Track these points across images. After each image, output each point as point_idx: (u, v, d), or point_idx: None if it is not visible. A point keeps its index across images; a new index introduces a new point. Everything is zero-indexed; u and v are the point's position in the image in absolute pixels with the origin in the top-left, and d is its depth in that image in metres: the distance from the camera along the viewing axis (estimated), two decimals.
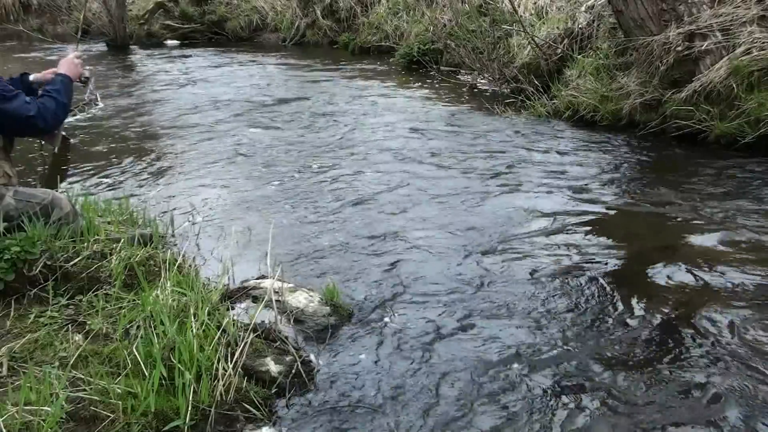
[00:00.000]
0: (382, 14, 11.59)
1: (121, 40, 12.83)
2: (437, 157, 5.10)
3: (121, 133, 6.14)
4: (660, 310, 2.76)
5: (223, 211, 4.02)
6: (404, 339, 2.59)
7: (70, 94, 2.95)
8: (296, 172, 4.80)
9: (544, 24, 7.79)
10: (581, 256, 3.30)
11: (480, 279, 3.08)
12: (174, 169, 4.96)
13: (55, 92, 2.83)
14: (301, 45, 12.67)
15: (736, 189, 4.19)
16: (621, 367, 2.38)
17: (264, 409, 2.11)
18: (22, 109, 2.66)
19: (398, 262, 3.27)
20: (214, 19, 13.75)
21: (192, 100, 7.63)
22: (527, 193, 4.23)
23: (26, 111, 2.67)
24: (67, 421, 1.86)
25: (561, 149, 5.25)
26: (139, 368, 2.06)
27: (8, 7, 15.27)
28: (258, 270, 3.10)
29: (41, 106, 2.72)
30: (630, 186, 4.42)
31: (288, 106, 7.17)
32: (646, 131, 5.46)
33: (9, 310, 2.43)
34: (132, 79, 9.45)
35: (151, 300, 2.39)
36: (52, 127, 2.84)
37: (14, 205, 2.73)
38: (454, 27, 9.00)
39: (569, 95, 6.23)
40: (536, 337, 2.59)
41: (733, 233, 3.49)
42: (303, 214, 3.95)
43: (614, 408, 2.16)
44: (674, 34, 5.28)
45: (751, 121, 4.77)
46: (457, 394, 2.24)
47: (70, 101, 2.93)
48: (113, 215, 3.39)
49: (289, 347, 2.39)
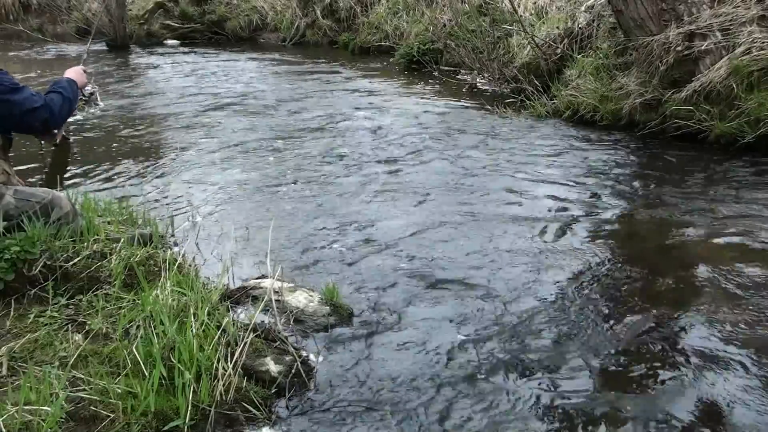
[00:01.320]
0: (381, 14, 11.59)
1: (121, 39, 12.82)
2: (437, 157, 5.09)
3: (121, 132, 6.14)
4: (660, 310, 2.76)
5: (223, 211, 4.02)
6: (404, 338, 2.59)
7: (76, 95, 3.01)
8: (296, 172, 4.80)
9: (543, 24, 7.79)
10: (580, 256, 3.30)
11: (480, 278, 3.08)
12: (174, 168, 4.95)
13: (61, 89, 2.91)
14: (301, 45, 12.67)
15: (736, 188, 4.19)
16: (621, 366, 2.39)
17: (264, 409, 2.11)
18: (29, 101, 2.72)
19: (398, 262, 3.27)
20: (213, 18, 13.74)
21: (192, 100, 7.63)
22: (527, 193, 4.23)
23: (33, 103, 2.73)
24: (67, 421, 1.86)
25: (561, 149, 5.25)
26: (139, 368, 2.06)
27: (8, 6, 15.24)
28: (258, 270, 3.10)
29: (48, 99, 2.80)
30: (630, 186, 4.42)
31: (288, 107, 7.17)
32: (645, 131, 5.46)
33: (9, 309, 2.43)
34: (132, 78, 9.45)
35: (151, 300, 2.39)
36: (58, 120, 2.88)
37: (14, 203, 2.73)
38: (453, 27, 8.99)
39: (569, 95, 6.23)
40: (536, 337, 2.59)
41: (734, 233, 3.49)
42: (303, 214, 3.95)
43: (614, 407, 2.16)
44: (674, 33, 5.28)
45: (750, 121, 4.77)
46: (458, 394, 2.24)
47: (75, 101, 3.00)
48: (113, 215, 3.39)
49: (289, 347, 2.39)
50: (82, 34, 14.28)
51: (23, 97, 2.70)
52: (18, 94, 2.69)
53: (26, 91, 2.73)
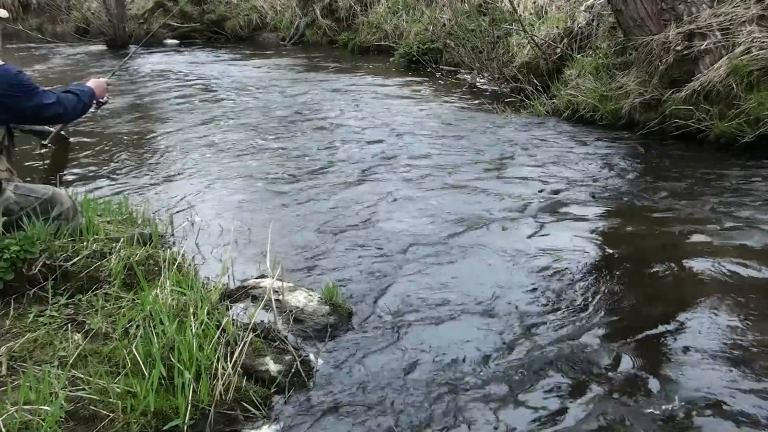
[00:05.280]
0: (381, 13, 11.60)
1: (121, 39, 12.83)
2: (436, 156, 5.10)
3: (121, 132, 6.14)
4: (660, 309, 2.76)
5: (223, 211, 4.02)
6: (404, 338, 2.59)
7: (90, 103, 3.23)
8: (296, 171, 4.80)
9: (543, 23, 7.80)
10: (580, 256, 3.30)
11: (480, 278, 3.08)
12: (173, 168, 4.95)
13: (79, 92, 3.11)
14: (301, 44, 12.67)
15: (735, 188, 4.19)
16: (620, 366, 2.39)
17: (263, 409, 2.11)
18: (43, 97, 2.88)
19: (398, 262, 3.27)
20: (213, 18, 13.76)
21: (191, 99, 7.63)
22: (526, 193, 4.23)
23: (47, 99, 2.88)
24: (67, 421, 1.86)
25: (560, 149, 5.25)
26: (139, 367, 2.06)
27: (7, 6, 15.24)
28: (257, 269, 3.10)
29: (62, 96, 2.99)
30: (629, 185, 4.42)
31: (287, 106, 7.17)
32: (645, 130, 5.46)
33: (8, 309, 2.43)
34: (131, 78, 9.44)
35: (151, 299, 2.39)
36: (69, 116, 3.16)
37: (14, 199, 2.74)
38: (453, 26, 9.00)
39: (569, 94, 6.24)
40: (536, 337, 2.58)
41: (733, 232, 3.49)
42: (303, 214, 3.95)
43: (613, 408, 2.16)
44: (674, 33, 5.29)
45: (750, 120, 4.77)
46: (458, 393, 2.24)
47: (87, 107, 3.22)
48: (113, 215, 3.39)
49: (289, 347, 2.39)
50: (82, 34, 14.29)
51: (37, 93, 2.86)
52: (33, 90, 2.84)
53: (40, 89, 2.89)
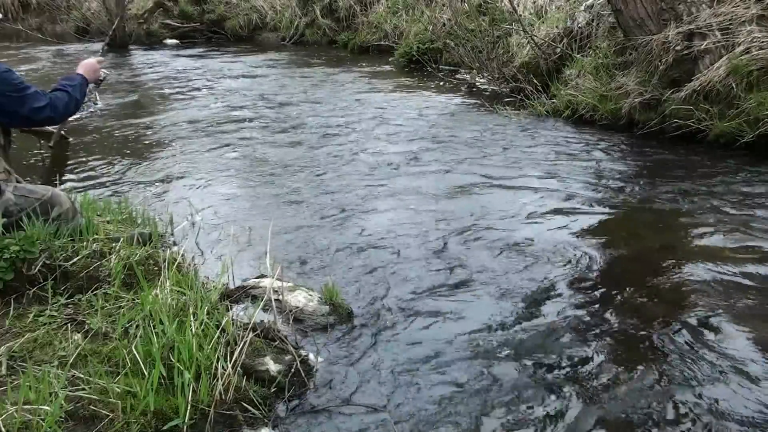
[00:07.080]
0: (381, 13, 11.58)
1: (121, 39, 12.81)
2: (436, 156, 5.10)
3: (120, 132, 6.14)
4: (660, 310, 2.76)
5: (223, 211, 4.02)
6: (404, 338, 2.59)
7: (83, 94, 3.15)
8: (295, 171, 4.79)
9: (543, 23, 7.79)
10: (580, 256, 3.30)
11: (480, 278, 3.08)
12: (173, 168, 4.95)
13: (70, 87, 3.02)
14: (301, 44, 12.66)
15: (735, 188, 4.19)
16: (620, 367, 2.39)
17: (263, 409, 2.11)
18: (35, 100, 2.82)
19: (398, 262, 3.27)
20: (213, 18, 13.74)
21: (191, 99, 7.63)
22: (526, 192, 4.23)
23: (38, 102, 2.83)
24: (66, 420, 1.86)
25: (560, 148, 5.25)
26: (139, 367, 2.06)
27: (7, 5, 15.24)
28: (257, 269, 3.10)
29: (53, 97, 2.92)
30: (629, 185, 4.42)
31: (287, 106, 7.16)
32: (645, 130, 5.46)
33: (8, 309, 2.43)
34: (131, 78, 9.44)
35: (151, 299, 2.39)
36: (61, 118, 3.10)
37: (14, 200, 2.73)
38: (453, 26, 8.99)
39: (568, 94, 6.24)
40: (535, 336, 2.59)
41: (734, 232, 3.49)
42: (302, 214, 3.95)
43: (613, 408, 2.16)
44: (673, 33, 5.28)
45: (750, 120, 4.77)
46: (457, 393, 2.24)
47: (82, 99, 3.13)
48: (112, 214, 3.39)
49: (289, 346, 2.39)
50: (81, 34, 14.28)
51: (29, 95, 2.80)
52: (24, 92, 2.80)
53: (32, 90, 2.84)
